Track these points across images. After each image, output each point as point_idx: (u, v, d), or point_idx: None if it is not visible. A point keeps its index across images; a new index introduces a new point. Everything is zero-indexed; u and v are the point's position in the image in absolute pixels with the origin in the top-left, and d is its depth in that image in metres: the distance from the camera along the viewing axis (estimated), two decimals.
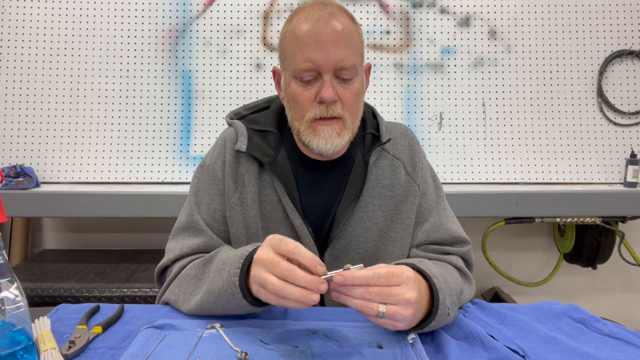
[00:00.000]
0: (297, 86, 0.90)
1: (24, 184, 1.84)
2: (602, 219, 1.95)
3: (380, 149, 1.01)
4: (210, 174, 1.00)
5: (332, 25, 0.87)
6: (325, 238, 0.98)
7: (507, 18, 2.09)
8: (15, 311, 0.63)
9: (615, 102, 2.08)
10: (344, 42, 0.87)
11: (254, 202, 0.97)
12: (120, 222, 2.31)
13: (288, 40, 0.90)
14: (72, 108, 2.01)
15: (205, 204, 0.99)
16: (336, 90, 0.88)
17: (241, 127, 1.00)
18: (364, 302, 0.69)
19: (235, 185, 0.98)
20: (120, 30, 2.03)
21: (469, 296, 0.93)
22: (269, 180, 0.97)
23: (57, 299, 1.72)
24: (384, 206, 1.00)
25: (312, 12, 0.88)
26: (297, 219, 0.95)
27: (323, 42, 0.86)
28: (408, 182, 1.01)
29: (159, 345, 0.73)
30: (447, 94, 2.08)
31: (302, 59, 0.87)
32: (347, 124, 0.91)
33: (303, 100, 0.90)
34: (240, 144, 0.97)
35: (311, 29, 0.87)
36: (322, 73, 0.88)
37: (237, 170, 0.99)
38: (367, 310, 0.70)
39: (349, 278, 0.69)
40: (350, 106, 0.91)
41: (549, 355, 0.73)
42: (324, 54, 0.86)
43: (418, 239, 1.01)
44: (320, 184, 0.99)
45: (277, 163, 0.97)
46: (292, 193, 0.95)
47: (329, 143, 0.90)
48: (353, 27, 0.90)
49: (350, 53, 0.88)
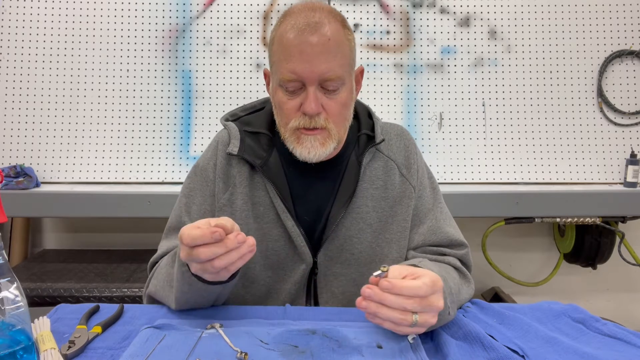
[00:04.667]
0: (282, 94, 0.90)
1: (24, 184, 1.84)
2: (602, 219, 1.95)
3: (375, 149, 1.01)
4: (202, 176, 1.01)
5: (319, 34, 0.85)
6: (318, 239, 0.97)
7: (507, 18, 2.09)
8: (15, 311, 0.63)
9: (615, 102, 2.08)
10: (330, 53, 0.86)
11: (245, 204, 0.97)
12: (120, 222, 2.31)
13: (275, 47, 0.90)
14: (72, 108, 2.01)
15: (196, 205, 1.00)
16: (321, 101, 0.88)
17: (234, 129, 1.00)
18: (400, 314, 0.68)
19: (226, 187, 0.99)
20: (120, 30, 2.04)
21: (468, 295, 0.94)
22: (261, 182, 0.98)
23: (57, 299, 1.72)
24: (378, 207, 0.99)
25: (299, 19, 0.87)
26: (288, 221, 0.95)
27: (308, 53, 0.85)
28: (403, 184, 1.01)
29: (159, 345, 0.73)
30: (447, 94, 2.08)
31: (286, 69, 0.87)
32: (332, 133, 0.91)
33: (287, 109, 0.90)
34: (232, 147, 0.97)
35: (296, 39, 0.85)
36: (306, 84, 0.87)
37: (229, 172, 0.99)
38: (401, 322, 0.68)
39: (397, 287, 0.68)
40: (335, 116, 0.90)
41: (548, 355, 0.73)
42: (308, 66, 0.85)
43: (415, 242, 1.01)
44: (313, 185, 0.98)
45: (268, 165, 0.97)
46: (283, 195, 0.95)
47: (312, 153, 0.90)
48: (342, 34, 0.89)
49: (336, 64, 0.87)
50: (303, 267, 0.97)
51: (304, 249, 0.95)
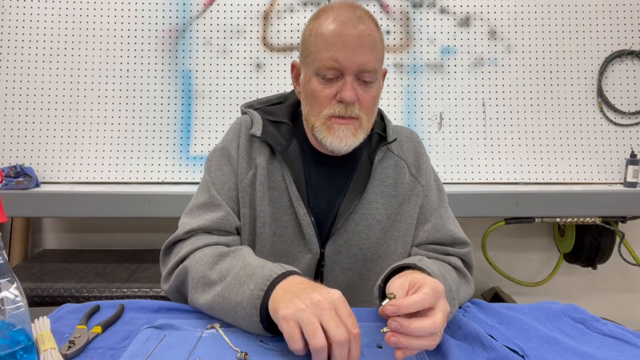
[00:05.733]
0: (318, 83, 0.92)
1: (24, 184, 1.84)
2: (602, 219, 1.95)
3: (386, 148, 1.04)
4: (224, 155, 1.02)
5: (360, 28, 0.89)
6: (327, 232, 0.99)
7: (507, 18, 2.09)
8: (15, 311, 0.63)
9: (615, 102, 2.08)
10: (369, 46, 0.90)
11: (262, 185, 0.99)
12: (120, 222, 2.31)
13: (314, 38, 0.92)
14: (72, 108, 2.01)
15: (220, 183, 1.00)
16: (356, 92, 0.91)
17: (256, 115, 1.03)
18: (429, 340, 0.64)
19: (248, 167, 1.00)
20: (120, 30, 2.04)
21: (467, 295, 0.94)
22: (279, 167, 0.99)
23: (57, 299, 1.72)
24: (387, 205, 1.01)
25: (340, 13, 0.91)
26: (301, 208, 0.97)
27: (350, 44, 0.88)
28: (412, 183, 1.04)
29: (159, 346, 0.73)
30: (447, 94, 2.08)
31: (327, 57, 0.89)
32: (364, 124, 0.94)
33: (322, 97, 0.92)
34: (255, 129, 1.00)
35: (339, 30, 0.89)
36: (344, 74, 0.90)
37: (251, 153, 1.01)
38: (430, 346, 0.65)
39: (402, 307, 0.64)
40: (367, 108, 0.94)
41: (548, 355, 0.73)
42: (349, 55, 0.89)
43: (419, 239, 1.03)
44: (327, 179, 1.01)
45: (288, 152, 1.00)
46: (299, 182, 0.97)
47: (343, 142, 0.92)
48: (377, 33, 0.93)
49: (373, 58, 0.91)
50: (309, 257, 0.98)
51: (312, 239, 0.97)
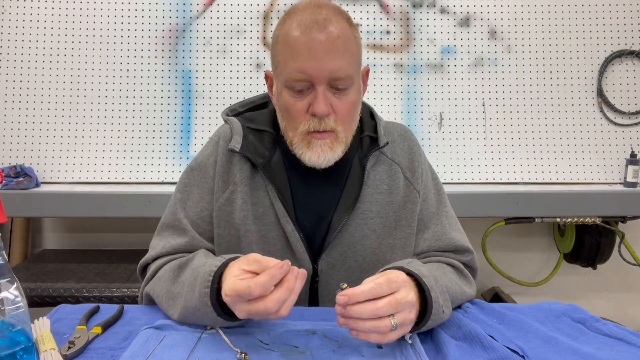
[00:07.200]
0: (289, 96, 0.86)
1: (24, 184, 1.84)
2: (602, 219, 1.95)
3: (378, 152, 0.97)
4: (201, 172, 0.97)
5: (327, 32, 0.81)
6: (319, 246, 0.94)
7: (507, 18, 2.09)
8: (15, 311, 0.63)
9: (615, 102, 2.08)
10: (339, 50, 0.82)
11: (245, 203, 0.93)
12: (120, 222, 2.31)
13: (280, 46, 0.86)
14: (72, 108, 2.01)
15: (193, 202, 0.96)
16: (330, 102, 0.84)
17: (237, 124, 0.96)
18: (376, 322, 0.66)
19: (225, 185, 0.95)
20: (120, 30, 2.03)
21: (468, 295, 0.92)
22: (262, 182, 0.94)
23: (57, 299, 1.71)
24: (382, 213, 0.96)
25: (305, 16, 0.83)
26: (288, 225, 0.91)
27: (317, 51, 0.81)
28: (407, 188, 0.97)
29: (159, 346, 0.73)
30: (447, 94, 2.08)
31: (294, 69, 0.82)
32: (340, 137, 0.87)
33: (295, 111, 0.86)
34: (234, 143, 0.94)
35: (304, 37, 0.81)
36: (315, 84, 0.83)
37: (229, 169, 0.95)
38: (381, 329, 0.67)
39: (353, 296, 0.66)
40: (344, 117, 0.87)
41: (548, 355, 0.73)
42: (317, 64, 0.81)
43: (420, 247, 0.98)
44: (316, 190, 0.94)
45: (271, 165, 0.93)
46: (284, 197, 0.92)
47: (321, 157, 0.87)
48: (350, 31, 0.85)
49: (345, 62, 0.83)
50: None
51: (303, 255, 0.92)
